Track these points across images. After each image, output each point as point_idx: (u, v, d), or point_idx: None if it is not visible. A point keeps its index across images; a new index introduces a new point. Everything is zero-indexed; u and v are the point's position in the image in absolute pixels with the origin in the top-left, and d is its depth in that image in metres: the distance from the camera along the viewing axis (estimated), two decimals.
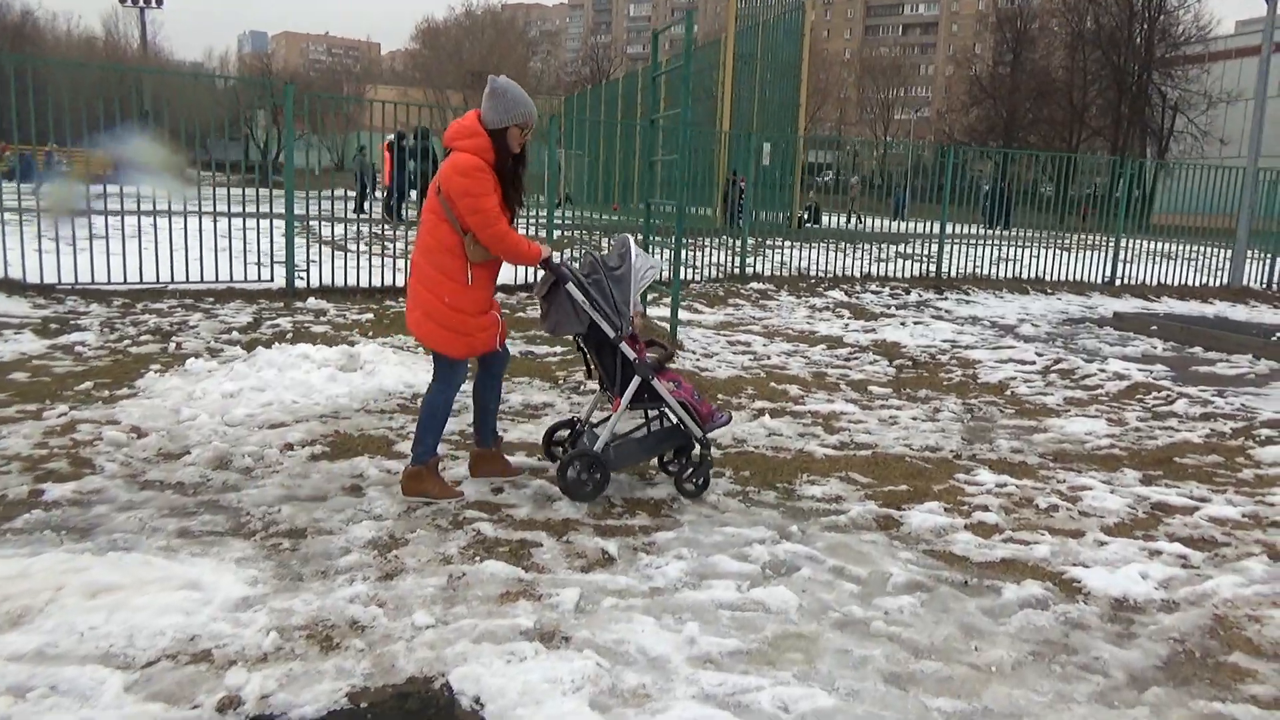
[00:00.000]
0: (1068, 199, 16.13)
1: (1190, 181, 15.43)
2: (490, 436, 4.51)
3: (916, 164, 20.26)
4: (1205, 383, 7.70)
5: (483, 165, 3.92)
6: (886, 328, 9.97)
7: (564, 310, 4.21)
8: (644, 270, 4.30)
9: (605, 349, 4.31)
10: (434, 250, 4.00)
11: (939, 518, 4.25)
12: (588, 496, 4.21)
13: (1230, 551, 4.03)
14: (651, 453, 4.56)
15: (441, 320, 4.01)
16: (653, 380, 4.29)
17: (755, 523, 4.11)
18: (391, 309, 9.58)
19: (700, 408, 4.40)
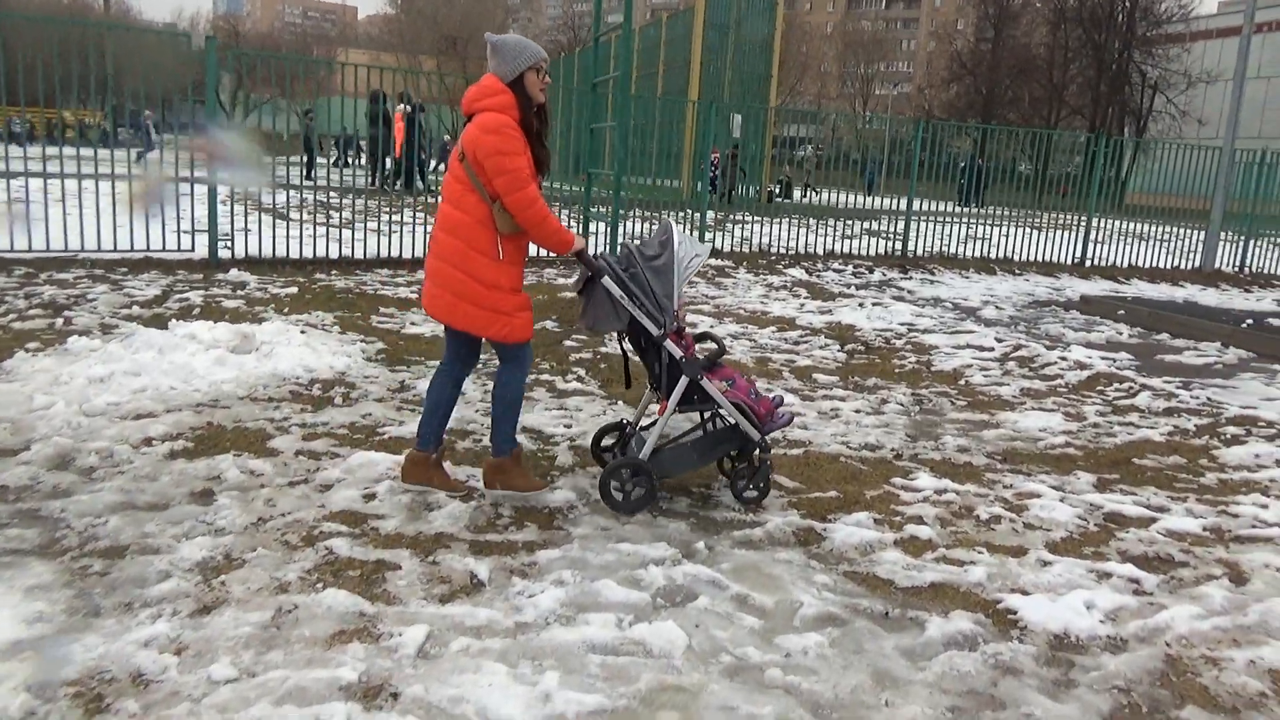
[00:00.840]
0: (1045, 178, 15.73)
1: (1166, 161, 15.04)
2: (437, 440, 3.99)
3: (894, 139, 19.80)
4: (1170, 373, 7.29)
5: (511, 123, 3.58)
6: (844, 309, 9.50)
7: (603, 306, 3.78)
8: (688, 259, 3.83)
9: (649, 347, 3.91)
10: (461, 224, 3.63)
11: (867, 531, 3.78)
12: (633, 509, 3.81)
13: (1188, 573, 3.60)
14: (706, 458, 4.08)
15: (476, 299, 3.64)
16: (702, 380, 3.85)
17: (659, 537, 3.63)
18: (320, 283, 8.99)
19: (758, 406, 3.97)
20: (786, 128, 40.57)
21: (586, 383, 5.88)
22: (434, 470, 3.97)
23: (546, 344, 6.68)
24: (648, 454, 3.89)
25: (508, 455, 3.87)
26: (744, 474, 4.03)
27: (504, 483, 3.87)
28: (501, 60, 3.65)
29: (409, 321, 7.52)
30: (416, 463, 3.95)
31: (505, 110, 3.60)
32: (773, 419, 4.03)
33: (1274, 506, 4.33)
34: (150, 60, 11.73)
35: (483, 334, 3.74)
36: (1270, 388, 6.88)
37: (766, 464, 4.00)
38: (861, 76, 72.13)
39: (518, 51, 3.65)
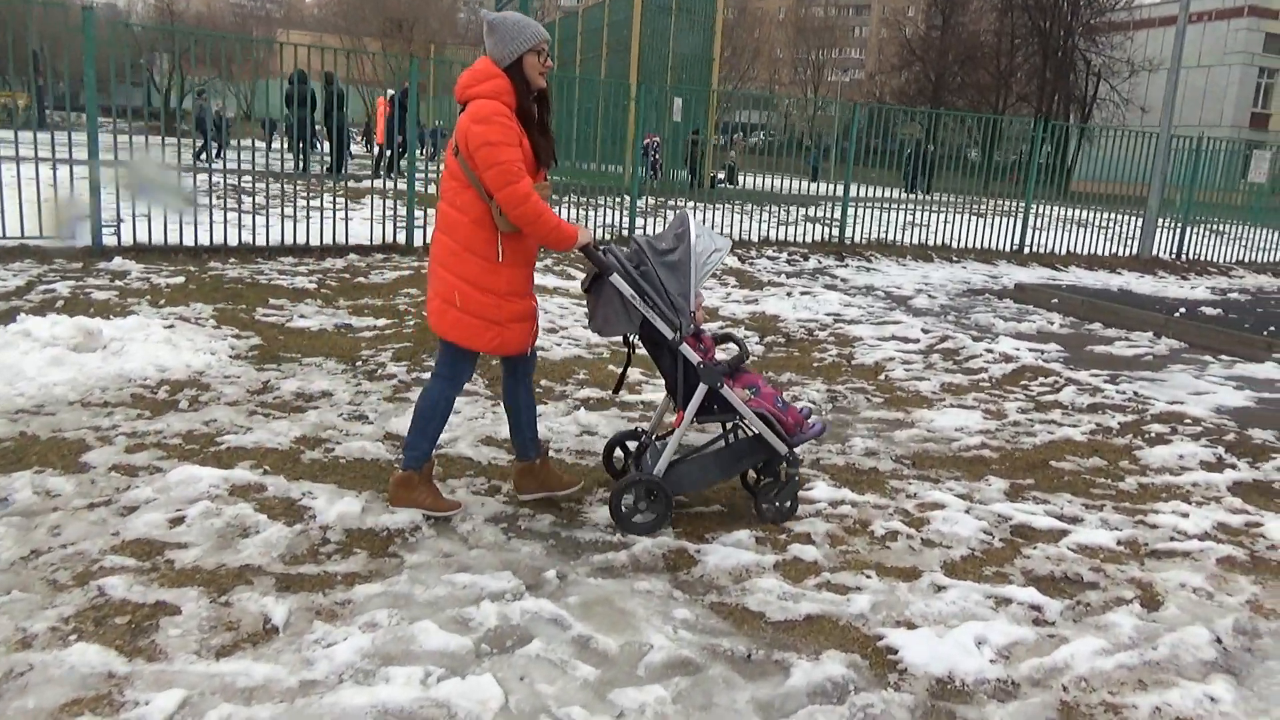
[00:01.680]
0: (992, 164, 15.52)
1: (1109, 148, 14.90)
2: (531, 447, 3.71)
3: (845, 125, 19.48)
4: (1099, 365, 7.01)
5: (504, 110, 3.25)
6: (770, 298, 9.11)
7: (612, 306, 3.42)
8: (706, 253, 3.45)
9: (663, 351, 3.52)
10: (457, 223, 3.34)
11: (745, 553, 3.37)
12: (647, 530, 3.48)
13: (1096, 597, 3.24)
14: (728, 472, 3.73)
15: (466, 306, 3.33)
16: (723, 388, 3.47)
17: (507, 564, 3.19)
18: (212, 272, 8.38)
19: (785, 416, 3.63)
20: (738, 113, 40.22)
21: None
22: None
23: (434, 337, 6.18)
24: (663, 469, 3.50)
25: (417, 470, 3.53)
26: (769, 489, 3.67)
27: (409, 500, 3.52)
28: (498, 41, 3.29)
29: (298, 314, 6.97)
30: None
31: (499, 96, 3.26)
32: (802, 430, 3.67)
33: (1194, 515, 4.01)
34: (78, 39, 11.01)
35: (472, 345, 3.40)
36: (1199, 380, 6.63)
37: (795, 479, 3.68)
38: (813, 63, 71.99)
39: (516, 32, 3.28)
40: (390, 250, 10.25)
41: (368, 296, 7.85)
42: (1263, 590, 3.37)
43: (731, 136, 22.79)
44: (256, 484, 3.67)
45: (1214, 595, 3.31)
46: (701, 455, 3.75)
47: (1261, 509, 4.16)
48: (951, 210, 14.59)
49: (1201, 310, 9.34)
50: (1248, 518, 4.04)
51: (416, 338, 6.25)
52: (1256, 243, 15.98)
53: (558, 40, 26.80)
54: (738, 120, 28.84)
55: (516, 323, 3.39)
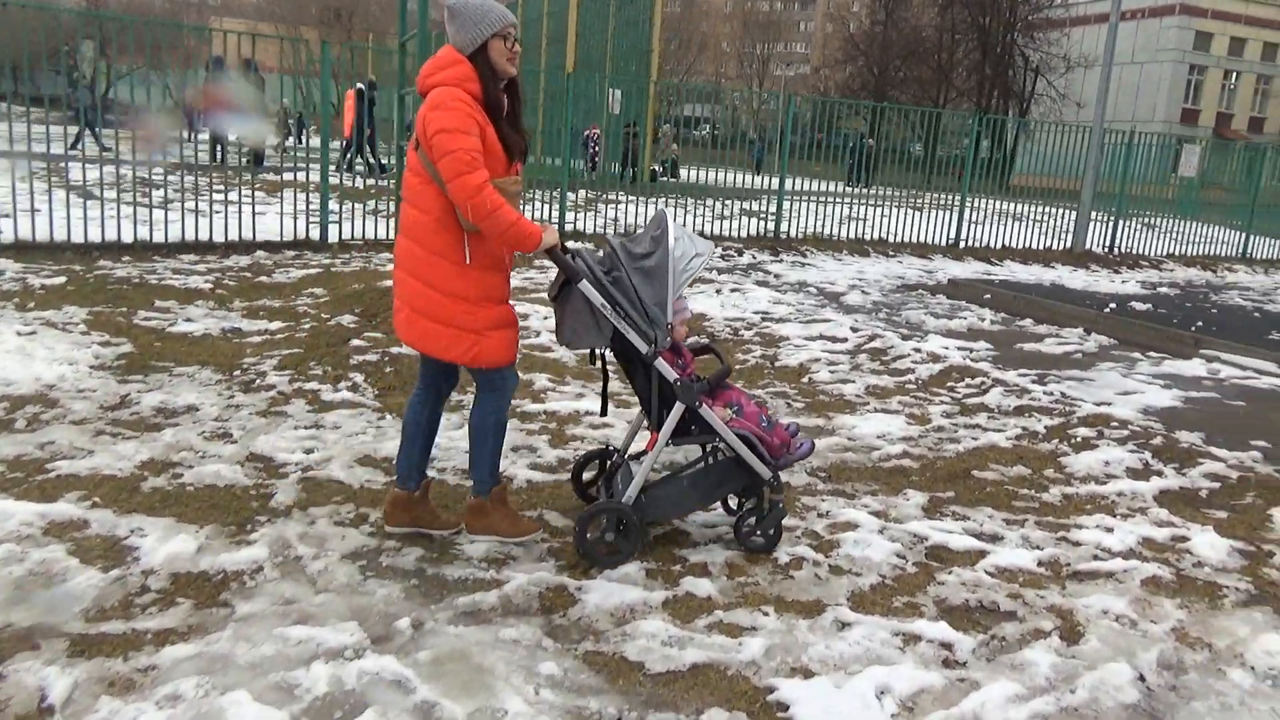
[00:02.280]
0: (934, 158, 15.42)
1: (1048, 143, 14.87)
2: (417, 475, 3.37)
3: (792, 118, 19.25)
4: (1028, 364, 6.82)
5: (465, 96, 2.97)
6: (699, 296, 8.78)
7: (581, 317, 3.11)
8: (686, 258, 3.12)
9: (637, 366, 3.22)
10: (418, 224, 3.05)
11: (631, 590, 3.03)
12: (615, 562, 3.17)
13: (1013, 630, 2.96)
14: (707, 498, 3.43)
15: (435, 314, 3.05)
16: (701, 407, 3.15)
17: (357, 611, 2.80)
18: (100, 271, 7.79)
19: (770, 438, 3.31)
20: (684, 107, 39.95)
21: (361, 391, 4.98)
22: (419, 509, 3.35)
23: (330, 342, 5.74)
24: (633, 495, 3.18)
25: (487, 496, 3.30)
26: (750, 517, 3.36)
27: (485, 527, 3.31)
28: (459, 28, 3.01)
29: (183, 318, 6.46)
30: (398, 504, 3.34)
31: (462, 84, 2.99)
32: (789, 451, 3.39)
33: (1119, 530, 3.77)
34: None
35: (445, 356, 3.11)
36: (1127, 379, 6.46)
37: (779, 506, 3.35)
38: (758, 57, 72.13)
39: (479, 16, 2.99)
40: (302, 247, 9.72)
41: (267, 297, 7.35)
42: (1188, 615, 3.13)
43: (663, 131, 22.47)
44: (78, 520, 3.22)
45: (1137, 623, 3.05)
46: (677, 480, 3.44)
47: (1188, 520, 3.93)
48: (890, 204, 14.44)
49: (1132, 305, 9.26)
50: (1174, 531, 3.81)
51: (309, 343, 5.80)
52: (1187, 236, 16.13)
53: (521, 22, 26.20)
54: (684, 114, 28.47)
55: (495, 330, 3.09)
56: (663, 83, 27.63)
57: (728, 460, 3.36)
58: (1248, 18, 49.31)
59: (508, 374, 3.24)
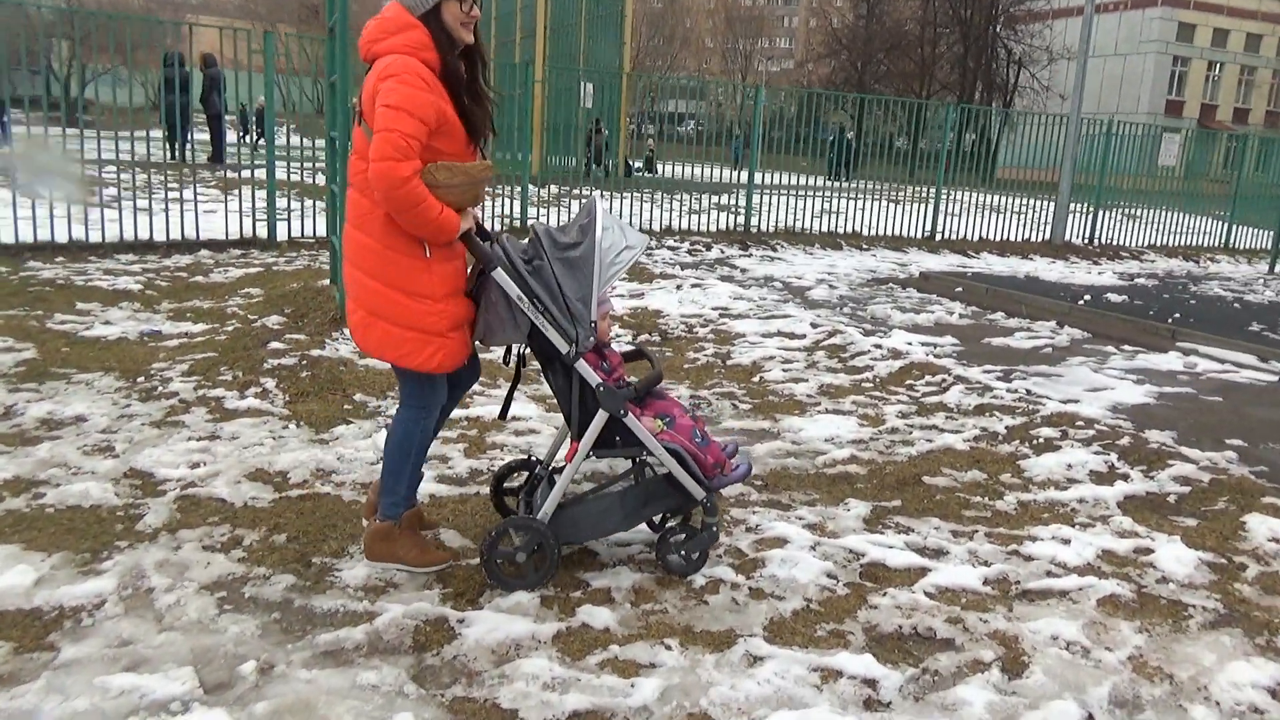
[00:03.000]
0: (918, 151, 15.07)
1: (1030, 135, 14.58)
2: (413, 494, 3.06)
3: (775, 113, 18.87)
4: (994, 360, 6.50)
5: (420, 69, 2.61)
6: (658, 292, 8.45)
7: (496, 310, 2.80)
8: (615, 250, 2.79)
9: (556, 367, 2.89)
10: (370, 215, 2.70)
11: (520, 621, 2.69)
12: (525, 585, 2.85)
13: (948, 661, 2.63)
14: (632, 518, 3.03)
15: (396, 317, 2.72)
16: (626, 416, 2.83)
17: (200, 653, 2.46)
18: (26, 272, 7.40)
19: (703, 454, 2.96)
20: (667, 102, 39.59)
21: (270, 398, 4.62)
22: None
23: (248, 345, 5.38)
24: (549, 512, 2.87)
25: (397, 519, 2.96)
26: (675, 536, 3.00)
27: (389, 554, 2.95)
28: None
29: (102, 321, 6.10)
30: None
31: (417, 52, 2.63)
32: (724, 472, 3.02)
33: (1076, 542, 3.45)
34: None
35: (404, 364, 2.78)
36: (1098, 374, 6.15)
37: (712, 529, 2.98)
38: (741, 52, 71.88)
39: None
40: (249, 245, 9.35)
41: (199, 298, 6.99)
42: (1147, 640, 2.81)
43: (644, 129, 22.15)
44: None
45: (1090, 651, 2.73)
46: (600, 497, 3.13)
47: (1154, 529, 3.62)
48: (868, 198, 14.10)
49: (1107, 297, 8.96)
50: (1137, 542, 3.50)
51: (226, 346, 5.44)
52: (1169, 226, 15.87)
53: (494, 16, 25.86)
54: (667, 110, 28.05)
55: (456, 330, 2.80)
56: (636, 75, 27.26)
57: (657, 477, 3.03)
58: (1230, 9, 49.25)
59: (438, 384, 2.90)
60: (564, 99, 17.50)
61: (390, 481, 2.94)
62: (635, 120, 22.35)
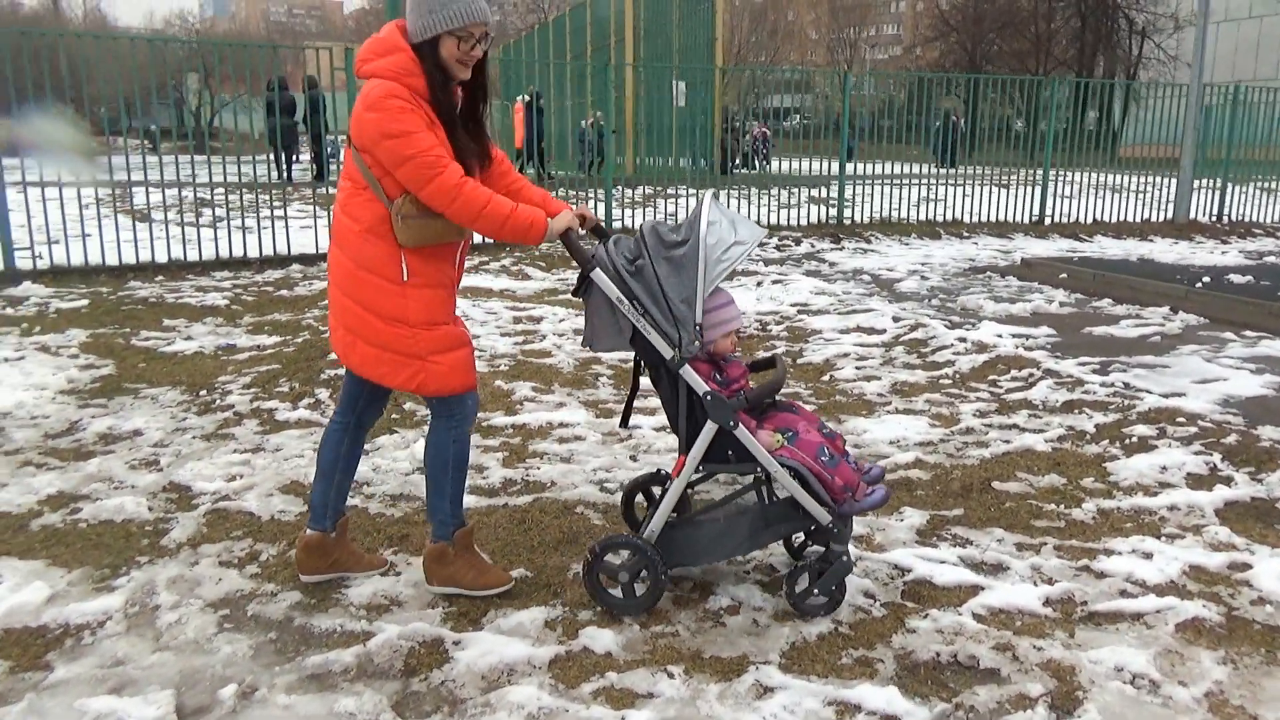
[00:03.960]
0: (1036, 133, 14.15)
1: (1156, 108, 13.58)
2: (334, 514, 2.92)
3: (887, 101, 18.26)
4: (1093, 351, 5.98)
5: (400, 92, 2.51)
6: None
7: (602, 314, 2.67)
8: (723, 246, 2.57)
9: (663, 374, 2.69)
10: (348, 235, 2.64)
11: (518, 644, 2.53)
12: (634, 608, 2.69)
13: (988, 696, 2.33)
14: (754, 541, 2.79)
15: (371, 337, 2.64)
16: (736, 428, 2.60)
17: (188, 674, 2.41)
18: (124, 291, 7.77)
19: (833, 474, 2.68)
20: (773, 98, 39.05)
21: (321, 409, 4.63)
22: (338, 552, 2.93)
23: (310, 356, 5.44)
24: (655, 531, 2.69)
25: (449, 539, 2.82)
26: (804, 573, 2.71)
27: (447, 577, 2.83)
28: (414, 7, 2.55)
29: (184, 336, 6.31)
30: (311, 548, 2.89)
31: (399, 76, 2.53)
32: (855, 496, 2.72)
33: (1160, 556, 3.06)
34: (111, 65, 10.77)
35: (386, 383, 2.72)
36: (1211, 364, 5.57)
37: (843, 560, 2.69)
38: (845, 40, 70.30)
39: (429, 6, 2.52)
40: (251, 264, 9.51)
41: (279, 311, 7.16)
42: (1232, 674, 2.43)
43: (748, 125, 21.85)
44: None
45: (1160, 686, 2.38)
46: (716, 517, 2.84)
47: (1255, 541, 3.18)
48: (972, 182, 13.39)
49: (1229, 279, 8.18)
50: (1233, 555, 3.07)
51: (291, 359, 5.51)
52: None
53: (568, 31, 26.09)
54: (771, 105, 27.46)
55: (441, 354, 2.65)
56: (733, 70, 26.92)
57: (780, 500, 2.75)
58: None
59: (466, 397, 2.77)
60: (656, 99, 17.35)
61: (434, 500, 2.83)
62: (738, 117, 22.03)
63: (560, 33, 27.23)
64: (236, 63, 10.91)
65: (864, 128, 16.09)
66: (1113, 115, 21.68)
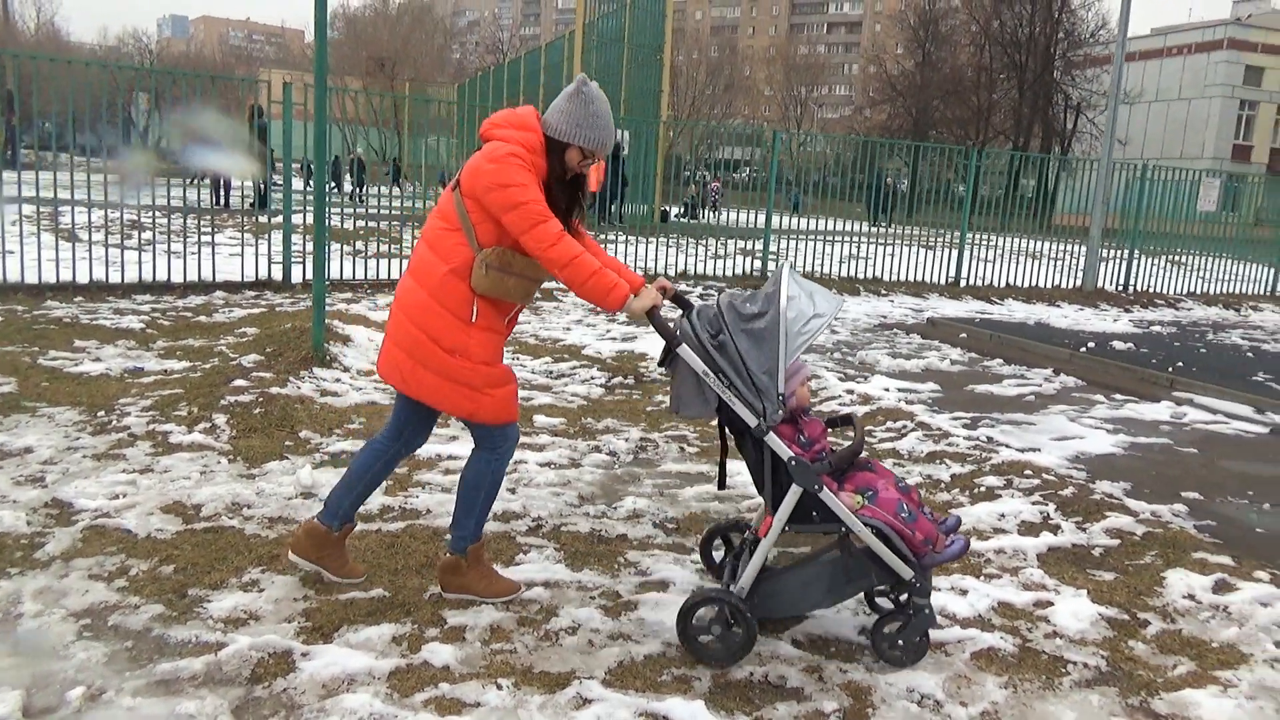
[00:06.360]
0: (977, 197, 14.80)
1: (1084, 179, 14.36)
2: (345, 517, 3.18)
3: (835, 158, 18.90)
4: (969, 407, 6.36)
5: (523, 154, 2.83)
6: (652, 336, 8.49)
7: (687, 384, 2.82)
8: (803, 319, 2.73)
9: (747, 440, 2.86)
10: (432, 270, 2.89)
11: (361, 656, 2.71)
12: (723, 659, 2.79)
13: (785, 711, 2.57)
14: (836, 594, 2.95)
15: (434, 365, 2.89)
16: (821, 491, 2.74)
17: (40, 677, 2.53)
18: (37, 311, 7.77)
19: (910, 530, 2.82)
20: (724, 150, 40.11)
21: (216, 434, 4.76)
22: (328, 550, 3.15)
23: (213, 382, 5.55)
24: (746, 587, 2.83)
25: (463, 553, 3.11)
26: (891, 622, 2.89)
27: (460, 586, 3.12)
28: (566, 114, 2.88)
29: (93, 358, 6.35)
30: (312, 535, 3.14)
31: (525, 146, 2.85)
32: (935, 549, 2.87)
33: (974, 593, 3.36)
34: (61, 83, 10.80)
35: (441, 407, 2.98)
36: (1073, 424, 5.97)
37: (925, 613, 2.82)
38: (796, 99, 72.30)
39: (584, 122, 2.87)
40: (263, 287, 9.68)
41: (194, 337, 7.24)
42: (1008, 696, 2.71)
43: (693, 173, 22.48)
44: None
45: (943, 705, 2.65)
46: (802, 570, 2.99)
47: (1065, 583, 3.50)
48: (900, 243, 13.97)
49: (1112, 345, 8.70)
50: (1041, 595, 3.38)
51: (195, 383, 5.61)
52: (1215, 273, 15.41)
53: (522, 75, 26.60)
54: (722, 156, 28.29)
55: (496, 387, 2.93)
56: (681, 122, 27.62)
57: (860, 553, 2.86)
58: None
59: (509, 431, 3.05)
60: None
61: (461, 517, 3.09)
62: (689, 167, 22.63)
63: (515, 74, 27.72)
64: (188, 87, 11.02)
65: (814, 183, 16.67)
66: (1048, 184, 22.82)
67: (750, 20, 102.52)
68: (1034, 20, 45.66)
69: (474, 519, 3.09)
